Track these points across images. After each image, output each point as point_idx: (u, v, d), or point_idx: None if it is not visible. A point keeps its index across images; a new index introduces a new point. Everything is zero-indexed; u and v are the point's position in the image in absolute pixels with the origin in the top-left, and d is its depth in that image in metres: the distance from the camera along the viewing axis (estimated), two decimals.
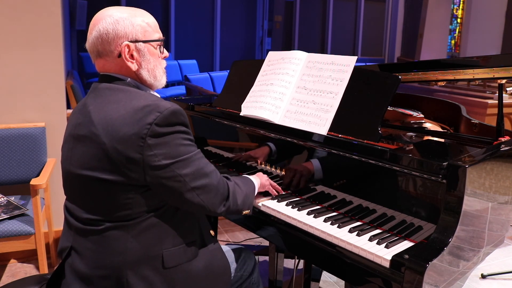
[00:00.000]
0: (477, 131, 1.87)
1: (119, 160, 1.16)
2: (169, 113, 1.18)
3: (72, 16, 7.05)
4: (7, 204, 2.39)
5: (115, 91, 1.25)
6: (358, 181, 1.48)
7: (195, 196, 1.23)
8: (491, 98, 3.85)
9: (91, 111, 1.23)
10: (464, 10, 11.39)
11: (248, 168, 1.86)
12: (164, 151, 1.17)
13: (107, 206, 1.22)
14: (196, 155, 1.24)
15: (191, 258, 1.30)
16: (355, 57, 1.62)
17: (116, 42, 1.25)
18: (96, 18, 1.27)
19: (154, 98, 1.23)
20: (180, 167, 1.19)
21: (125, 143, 1.15)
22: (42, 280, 1.38)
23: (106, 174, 1.18)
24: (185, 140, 1.22)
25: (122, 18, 1.25)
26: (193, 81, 7.23)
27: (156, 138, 1.16)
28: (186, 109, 2.18)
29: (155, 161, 1.16)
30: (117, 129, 1.16)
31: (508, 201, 1.51)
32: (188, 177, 1.21)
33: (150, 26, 1.30)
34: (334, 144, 1.50)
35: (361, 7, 12.03)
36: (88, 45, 1.29)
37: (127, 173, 1.17)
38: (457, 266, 1.25)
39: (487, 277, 2.64)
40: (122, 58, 1.26)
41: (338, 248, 1.32)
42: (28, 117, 2.63)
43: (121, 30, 1.25)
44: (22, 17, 2.53)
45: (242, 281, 1.56)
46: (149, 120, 1.15)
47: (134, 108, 1.18)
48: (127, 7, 1.32)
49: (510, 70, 1.60)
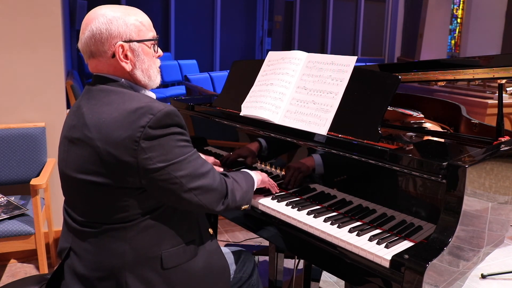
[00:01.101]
0: (477, 131, 1.87)
1: (113, 163, 1.15)
2: (162, 115, 1.16)
3: (72, 16, 7.05)
4: (7, 204, 2.39)
5: (108, 92, 1.23)
6: (358, 181, 1.48)
7: (193, 196, 1.22)
8: (491, 98, 3.85)
9: (84, 113, 1.22)
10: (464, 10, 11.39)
11: (248, 168, 1.86)
12: (158, 153, 1.15)
13: (103, 209, 1.21)
14: (191, 156, 1.22)
15: (190, 258, 1.30)
16: (355, 57, 1.62)
17: (109, 42, 1.23)
18: (88, 18, 1.24)
19: (148, 99, 1.21)
20: (176, 169, 1.18)
21: (118, 147, 1.14)
22: (42, 280, 1.38)
23: (101, 178, 1.17)
24: (180, 142, 1.20)
25: (115, 17, 1.23)
26: (193, 81, 7.24)
27: (150, 141, 1.14)
28: (186, 109, 2.18)
29: (150, 164, 1.14)
30: (110, 132, 1.15)
31: (508, 201, 1.51)
32: (184, 179, 1.19)
33: (144, 25, 1.28)
34: (334, 144, 1.50)
35: (361, 7, 12.04)
36: (81, 45, 1.26)
37: (122, 176, 1.16)
38: (457, 266, 1.25)
39: (487, 277, 2.64)
40: (116, 59, 1.24)
41: (338, 248, 1.32)
42: (28, 117, 2.63)
43: (114, 29, 1.22)
44: (22, 17, 2.53)
45: (241, 283, 1.56)
46: (143, 123, 1.14)
47: (127, 111, 1.16)
48: (120, 6, 1.29)
49: (510, 70, 1.60)
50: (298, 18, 11.34)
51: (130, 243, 1.21)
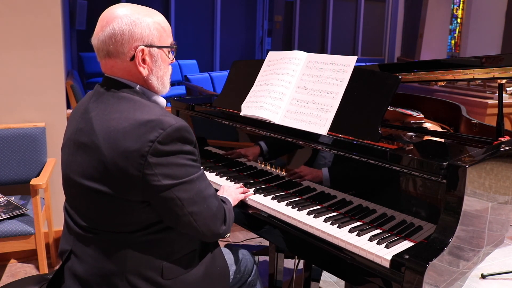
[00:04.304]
0: (477, 131, 1.87)
1: (117, 174, 1.11)
2: (172, 131, 1.12)
3: (72, 16, 7.04)
4: (7, 204, 2.39)
5: (119, 99, 1.19)
6: (358, 181, 1.48)
7: (192, 221, 1.18)
8: (491, 98, 3.86)
9: (93, 118, 1.18)
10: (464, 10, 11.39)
11: (248, 168, 1.86)
12: (165, 171, 1.12)
13: (106, 217, 1.18)
14: (198, 178, 1.18)
15: (191, 269, 1.27)
16: (355, 57, 1.62)
17: (130, 45, 1.18)
18: (109, 15, 1.18)
19: (159, 111, 1.16)
20: (180, 190, 1.14)
21: (125, 159, 1.10)
22: (42, 280, 1.38)
23: (104, 187, 1.14)
24: (188, 161, 1.16)
25: (140, 20, 1.18)
26: (193, 81, 7.24)
27: (157, 157, 1.10)
28: (186, 109, 2.18)
29: (155, 180, 1.11)
30: (118, 143, 1.11)
31: (508, 201, 1.51)
32: (186, 201, 1.16)
33: (165, 30, 1.24)
34: (334, 144, 1.50)
35: (361, 7, 12.03)
36: (98, 42, 1.20)
37: (125, 188, 1.13)
38: (457, 266, 1.25)
39: (487, 277, 2.64)
40: (134, 62, 1.20)
41: (338, 248, 1.32)
42: (28, 117, 2.63)
43: (137, 32, 1.18)
44: (22, 17, 2.53)
45: (241, 283, 1.56)
46: (152, 137, 1.10)
47: (137, 121, 1.12)
48: (142, 7, 1.24)
49: (510, 70, 1.60)
50: (298, 18, 11.33)
51: (131, 254, 1.19)
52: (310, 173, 1.61)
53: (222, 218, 1.27)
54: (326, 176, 1.57)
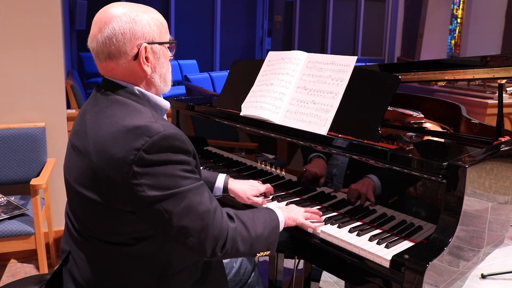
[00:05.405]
0: (477, 131, 1.87)
1: (105, 182, 1.06)
2: (159, 139, 1.04)
3: (72, 16, 7.05)
4: (7, 204, 2.39)
5: (112, 102, 1.13)
6: (358, 181, 1.47)
7: (181, 236, 1.08)
8: (491, 98, 3.86)
9: (87, 121, 1.15)
10: (464, 10, 11.39)
11: (248, 168, 1.86)
12: (151, 182, 1.03)
13: (97, 225, 1.14)
14: (190, 190, 1.08)
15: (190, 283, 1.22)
16: (355, 57, 1.62)
17: (132, 43, 1.12)
18: (106, 16, 1.12)
19: (149, 118, 1.08)
20: (168, 202, 1.05)
21: (112, 167, 1.04)
22: (42, 280, 1.38)
23: (94, 194, 1.09)
24: (180, 171, 1.07)
25: (139, 17, 1.13)
26: (193, 81, 7.24)
27: (143, 168, 1.03)
28: (186, 109, 2.18)
29: (140, 191, 1.03)
30: (105, 150, 1.06)
31: (508, 201, 1.51)
32: (174, 215, 1.06)
33: (164, 26, 1.20)
34: (334, 144, 1.50)
35: (361, 7, 12.03)
36: (97, 45, 1.13)
37: (113, 197, 1.07)
38: (457, 266, 1.25)
39: (487, 277, 2.64)
40: (137, 61, 1.14)
41: (338, 248, 1.32)
42: (28, 117, 2.63)
43: (138, 30, 1.12)
44: (22, 17, 2.53)
45: (241, 283, 1.56)
46: (137, 145, 1.03)
47: (125, 127, 1.06)
48: (137, 4, 1.19)
49: (510, 70, 1.60)
50: (298, 18, 11.33)
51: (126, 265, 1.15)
52: (309, 173, 1.61)
53: (221, 238, 1.12)
54: (326, 176, 1.56)
